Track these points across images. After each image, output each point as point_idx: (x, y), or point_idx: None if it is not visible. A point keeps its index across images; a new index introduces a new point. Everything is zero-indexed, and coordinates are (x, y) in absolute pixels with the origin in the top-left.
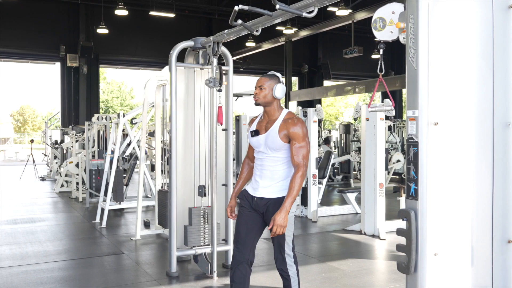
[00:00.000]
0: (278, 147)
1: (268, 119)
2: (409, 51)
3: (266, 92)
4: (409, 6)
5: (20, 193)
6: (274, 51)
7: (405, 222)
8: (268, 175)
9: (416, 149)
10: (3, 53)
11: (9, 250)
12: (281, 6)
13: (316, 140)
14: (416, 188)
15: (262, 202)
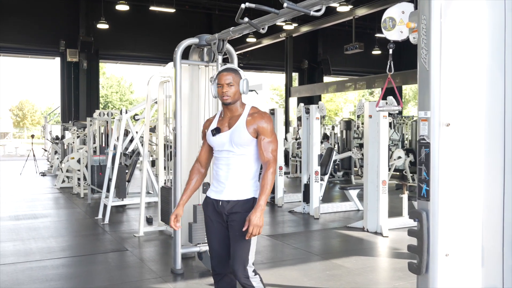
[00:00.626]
0: (246, 143)
1: (231, 116)
2: (421, 51)
3: (235, 89)
4: (421, 6)
5: (21, 188)
6: (274, 47)
7: (416, 223)
8: (235, 174)
9: (428, 150)
10: (3, 48)
11: (13, 246)
12: (288, 5)
13: (319, 137)
14: (428, 189)
15: (228, 205)
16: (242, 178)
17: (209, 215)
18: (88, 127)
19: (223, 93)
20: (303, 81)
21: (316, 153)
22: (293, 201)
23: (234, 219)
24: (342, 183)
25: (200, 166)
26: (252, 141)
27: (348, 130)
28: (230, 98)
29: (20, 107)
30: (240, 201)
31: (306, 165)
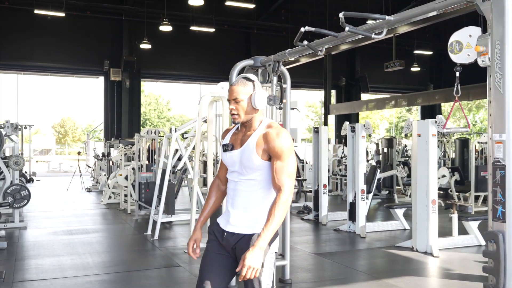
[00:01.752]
0: (256, 166)
1: (245, 132)
2: (495, 76)
3: (245, 105)
4: (495, 32)
5: (70, 204)
6: (312, 64)
7: (491, 244)
8: (241, 203)
9: (503, 172)
10: (50, 68)
11: (71, 260)
12: (350, 29)
13: (365, 156)
14: (504, 210)
15: (232, 238)
16: (250, 207)
17: (211, 241)
18: (136, 144)
19: (230, 111)
20: (341, 99)
21: (362, 171)
22: (337, 219)
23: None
24: (385, 201)
25: (220, 182)
26: (263, 165)
27: (390, 148)
28: (240, 117)
29: (62, 124)
30: (246, 236)
31: (351, 183)
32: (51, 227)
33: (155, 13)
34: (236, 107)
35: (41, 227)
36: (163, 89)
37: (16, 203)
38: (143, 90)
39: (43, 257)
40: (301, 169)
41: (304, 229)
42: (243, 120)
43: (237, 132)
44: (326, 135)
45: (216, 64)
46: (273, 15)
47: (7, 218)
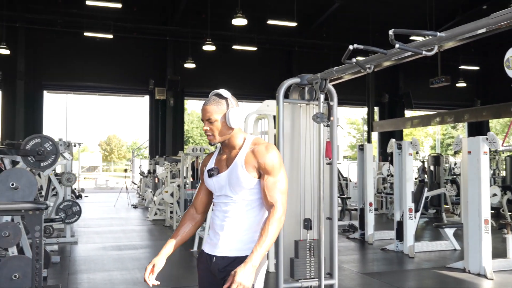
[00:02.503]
0: (246, 185)
1: (229, 153)
2: None
3: (219, 125)
4: None
5: (118, 220)
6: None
7: None
8: (232, 225)
9: None
10: (99, 88)
11: (120, 275)
12: (400, 46)
13: (412, 173)
14: None
15: (223, 262)
16: (242, 229)
17: (201, 270)
18: (182, 161)
19: (205, 132)
20: (384, 115)
21: (410, 189)
22: (384, 239)
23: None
24: (433, 220)
25: (195, 211)
26: (253, 183)
27: (437, 166)
28: (215, 138)
29: (108, 142)
30: (237, 259)
31: (398, 201)
32: (100, 242)
33: (199, 33)
34: (210, 127)
35: (91, 242)
36: None
37: (68, 219)
38: (186, 109)
39: (94, 271)
40: (345, 186)
41: (350, 248)
42: (219, 141)
43: (220, 155)
44: (371, 153)
45: (258, 83)
46: (315, 33)
47: (59, 233)
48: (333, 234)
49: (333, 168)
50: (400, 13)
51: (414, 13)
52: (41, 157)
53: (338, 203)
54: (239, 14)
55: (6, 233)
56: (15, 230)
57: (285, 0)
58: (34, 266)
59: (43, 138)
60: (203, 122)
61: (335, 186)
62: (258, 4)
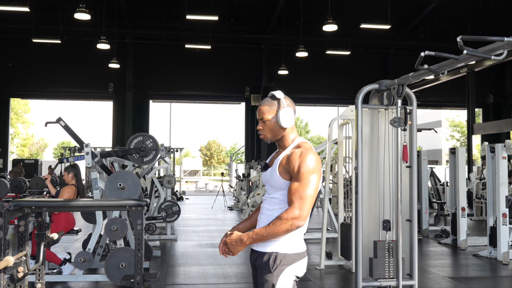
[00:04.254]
0: (278, 185)
1: (279, 152)
2: None
3: (270, 124)
4: None
5: (214, 220)
6: (454, 82)
7: None
8: (264, 221)
9: None
10: (198, 96)
11: (213, 270)
12: (468, 51)
13: (506, 177)
14: None
15: (253, 256)
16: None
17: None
18: None
19: (258, 130)
20: (488, 117)
21: (504, 194)
22: (478, 245)
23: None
24: None
25: None
26: (284, 184)
27: None
28: (266, 136)
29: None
30: (260, 254)
31: (492, 206)
32: (197, 240)
33: (292, 40)
34: (263, 127)
35: (189, 240)
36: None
37: (168, 218)
38: None
39: (190, 265)
40: (442, 191)
41: (440, 253)
42: (271, 140)
43: (276, 152)
44: (463, 156)
45: (353, 87)
46: (411, 34)
47: (161, 231)
48: (413, 236)
49: (412, 171)
50: (502, 9)
51: None
52: (144, 153)
53: (434, 208)
54: (330, 20)
55: (114, 227)
56: (122, 225)
57: (378, 3)
58: (136, 255)
59: (144, 136)
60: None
61: (415, 189)
62: (350, 9)
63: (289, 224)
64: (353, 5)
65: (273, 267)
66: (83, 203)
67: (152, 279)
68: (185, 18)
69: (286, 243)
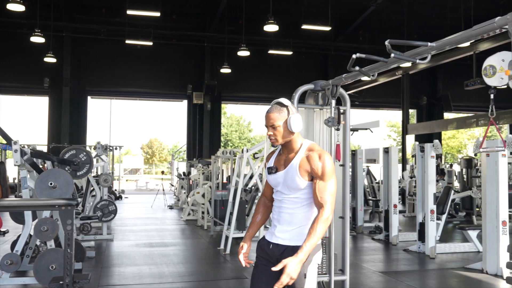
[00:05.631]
0: (299, 186)
1: (287, 154)
2: None
3: (281, 130)
4: None
5: (153, 219)
6: (391, 84)
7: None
8: (286, 219)
9: None
10: (140, 93)
11: (149, 269)
12: (395, 55)
13: (434, 176)
14: None
15: (277, 249)
16: (293, 222)
17: (259, 255)
18: (212, 164)
19: (269, 137)
20: (422, 118)
21: (432, 191)
22: (409, 240)
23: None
24: (463, 223)
25: (266, 199)
26: (304, 184)
27: (469, 169)
28: (278, 141)
29: (150, 145)
30: (288, 248)
31: (421, 203)
32: (134, 239)
33: (235, 38)
34: (274, 132)
35: (126, 240)
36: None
37: (105, 217)
38: (225, 112)
39: (125, 266)
40: (377, 189)
41: (372, 249)
42: (281, 143)
43: (279, 155)
44: (396, 155)
45: (294, 86)
46: (351, 36)
47: (97, 231)
48: (345, 232)
49: (345, 170)
50: (437, 14)
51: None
52: (76, 167)
53: (369, 205)
54: (271, 20)
55: (44, 228)
56: (53, 225)
57: (319, 5)
58: (66, 256)
59: (78, 150)
60: (267, 128)
61: (347, 187)
62: (292, 9)
63: (328, 221)
64: (294, 5)
65: None
66: (8, 203)
67: (83, 281)
68: (125, 13)
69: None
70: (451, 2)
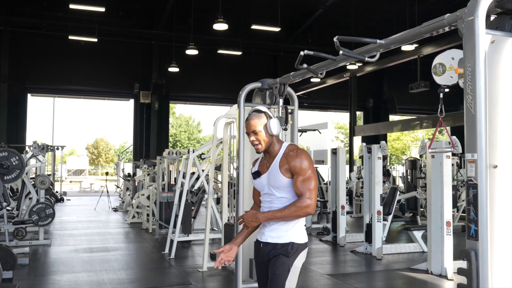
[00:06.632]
0: (282, 185)
1: (269, 157)
2: (467, 97)
3: (263, 135)
4: (466, 53)
5: (96, 223)
6: (339, 86)
7: (465, 262)
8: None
9: (476, 191)
10: (83, 91)
11: (87, 277)
12: (344, 52)
13: (381, 177)
14: (476, 229)
15: (267, 248)
16: (283, 222)
17: (255, 256)
18: (157, 165)
19: (252, 142)
20: (368, 120)
21: (378, 192)
22: (356, 241)
23: (272, 262)
24: (409, 224)
25: (256, 206)
26: (287, 183)
27: (413, 170)
28: (262, 146)
29: (96, 146)
30: (277, 245)
31: (368, 204)
32: (73, 245)
33: (184, 37)
34: (256, 138)
35: (64, 245)
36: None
37: (41, 221)
38: (174, 112)
39: (61, 273)
40: (325, 190)
41: (320, 250)
42: (265, 148)
43: (262, 160)
44: (344, 156)
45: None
46: (300, 38)
47: (33, 236)
48: None
49: None
50: (383, 19)
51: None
52: (6, 170)
53: (317, 206)
54: (220, 19)
55: None
56: None
57: (269, 6)
58: None
59: (10, 153)
60: (248, 135)
61: None
62: (242, 9)
63: (302, 211)
64: (244, 5)
65: (290, 253)
66: None
67: None
68: (68, 7)
69: (299, 235)
70: (397, 7)
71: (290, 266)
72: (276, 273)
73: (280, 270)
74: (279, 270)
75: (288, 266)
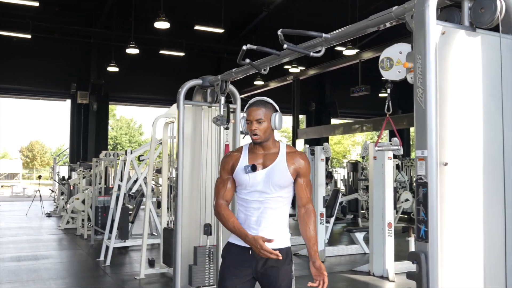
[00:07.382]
0: (285, 184)
1: (265, 153)
2: (417, 91)
3: (266, 126)
4: (417, 46)
5: (26, 229)
6: (282, 89)
7: (415, 265)
8: (269, 219)
9: (426, 190)
10: (15, 90)
11: None
12: (288, 46)
13: (324, 179)
14: (426, 230)
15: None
16: (277, 223)
17: (230, 263)
18: (93, 167)
19: (252, 131)
20: (311, 123)
21: (321, 194)
22: (299, 244)
23: (271, 274)
24: (350, 226)
25: (226, 203)
26: (290, 182)
27: (354, 172)
28: (261, 137)
29: (30, 148)
30: (277, 250)
31: None
32: None
33: (124, 36)
34: (258, 127)
35: None
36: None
37: None
38: (114, 114)
39: None
40: None
41: None
42: (263, 140)
43: (252, 155)
44: None
45: None
46: (244, 40)
47: None
48: None
49: None
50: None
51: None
52: None
53: None
54: (162, 17)
55: None
56: None
57: (213, 7)
58: None
59: None
60: (249, 123)
61: None
62: (185, 9)
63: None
64: (187, 5)
65: (289, 259)
66: None
67: None
68: None
69: (288, 237)
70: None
71: (292, 275)
72: (283, 285)
73: (285, 281)
74: (284, 282)
75: (291, 277)
